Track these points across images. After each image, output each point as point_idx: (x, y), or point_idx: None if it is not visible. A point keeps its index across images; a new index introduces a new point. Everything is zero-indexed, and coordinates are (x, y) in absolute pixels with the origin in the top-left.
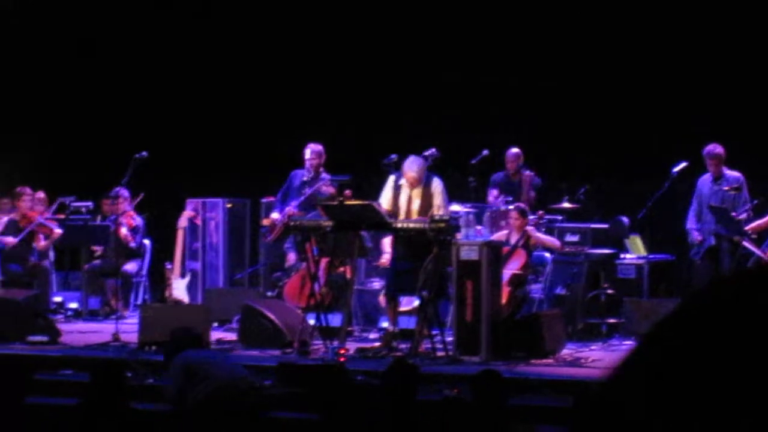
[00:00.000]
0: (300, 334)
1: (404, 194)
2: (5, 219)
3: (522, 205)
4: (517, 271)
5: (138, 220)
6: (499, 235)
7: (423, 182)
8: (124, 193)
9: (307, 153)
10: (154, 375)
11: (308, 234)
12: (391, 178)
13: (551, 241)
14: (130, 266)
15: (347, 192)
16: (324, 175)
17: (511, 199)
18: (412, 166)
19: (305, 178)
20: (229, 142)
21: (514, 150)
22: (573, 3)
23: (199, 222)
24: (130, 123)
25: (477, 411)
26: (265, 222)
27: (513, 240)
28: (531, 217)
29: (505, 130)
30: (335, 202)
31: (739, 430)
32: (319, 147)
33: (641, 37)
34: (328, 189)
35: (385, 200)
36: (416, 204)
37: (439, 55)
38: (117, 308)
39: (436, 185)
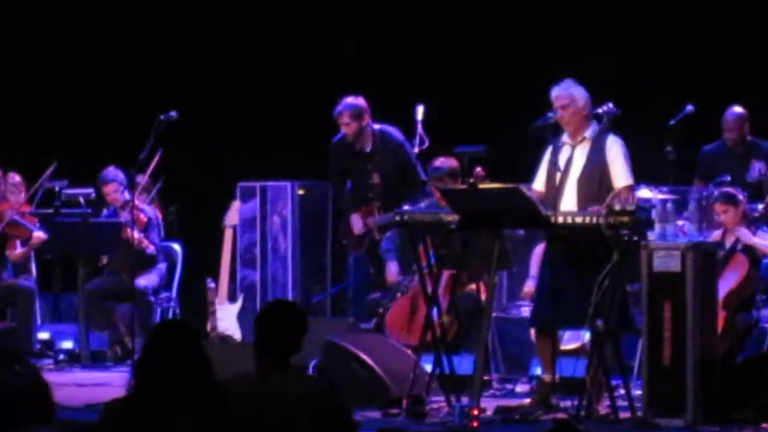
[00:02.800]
0: (411, 386)
1: (564, 154)
2: None
3: (732, 190)
4: (734, 287)
5: (149, 212)
6: (715, 236)
7: (593, 135)
8: (120, 174)
9: (341, 118)
10: None
11: (422, 234)
12: (549, 151)
13: None
14: (146, 279)
15: (478, 171)
16: (386, 135)
17: (728, 179)
18: (560, 85)
19: (367, 149)
20: (300, 102)
21: (737, 110)
22: None
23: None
24: (149, 74)
25: None
26: (357, 230)
27: (728, 242)
28: (756, 207)
29: (717, 80)
30: (463, 186)
31: None
32: (354, 103)
33: None
34: (446, 162)
35: (539, 181)
36: (579, 166)
37: None
38: (133, 348)
39: (613, 144)
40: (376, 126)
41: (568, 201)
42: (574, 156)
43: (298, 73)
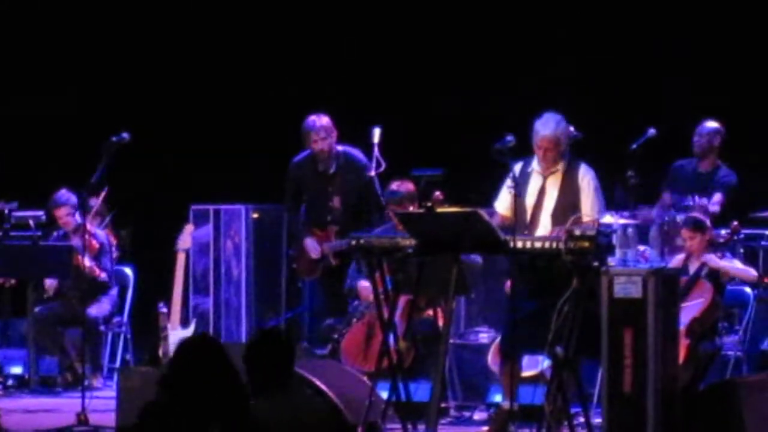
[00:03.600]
0: (366, 413)
1: (534, 184)
2: None
3: (699, 216)
4: (698, 315)
5: (102, 237)
6: (676, 261)
7: (564, 166)
8: (72, 198)
9: (317, 133)
10: None
11: (378, 259)
12: (515, 174)
13: (741, 271)
14: (97, 308)
15: (437, 194)
16: (351, 156)
17: (691, 203)
18: (547, 123)
19: (330, 170)
20: (255, 121)
21: (710, 125)
22: None
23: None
24: (100, 94)
25: None
26: (313, 254)
27: (692, 268)
28: (721, 233)
29: (683, 102)
30: (421, 210)
31: None
32: (327, 120)
33: None
34: (403, 186)
35: (501, 205)
36: (551, 199)
37: None
38: (83, 374)
39: (585, 175)
40: (340, 147)
41: (542, 233)
42: (546, 187)
43: (253, 95)
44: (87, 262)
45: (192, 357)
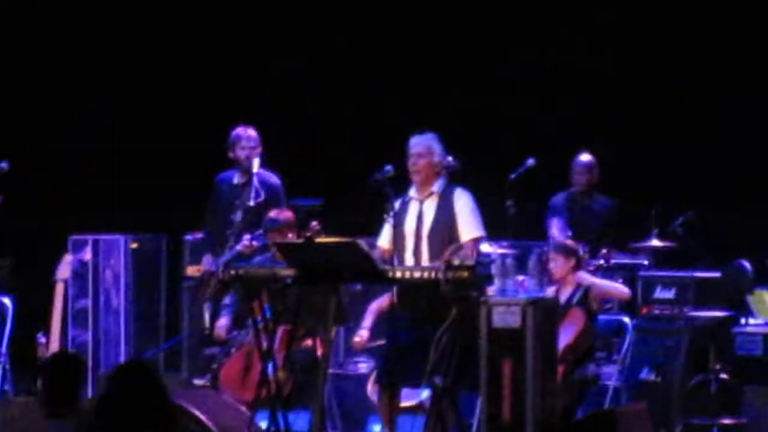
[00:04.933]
0: None
1: (413, 210)
2: None
3: (566, 241)
4: (571, 342)
5: None
6: (549, 292)
7: (440, 189)
8: None
9: (247, 141)
10: None
11: (257, 288)
12: (394, 207)
13: (614, 288)
14: None
15: (314, 224)
16: (264, 176)
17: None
18: (420, 136)
19: (239, 181)
20: (133, 147)
21: (585, 158)
22: None
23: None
24: None
25: None
26: (192, 271)
27: (564, 296)
28: (591, 259)
29: (564, 130)
30: (300, 239)
31: None
32: (253, 132)
33: None
34: (282, 214)
35: (383, 239)
36: (428, 222)
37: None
38: None
39: (460, 197)
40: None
41: (422, 258)
42: (424, 211)
43: (131, 125)
44: None
45: (126, 381)
